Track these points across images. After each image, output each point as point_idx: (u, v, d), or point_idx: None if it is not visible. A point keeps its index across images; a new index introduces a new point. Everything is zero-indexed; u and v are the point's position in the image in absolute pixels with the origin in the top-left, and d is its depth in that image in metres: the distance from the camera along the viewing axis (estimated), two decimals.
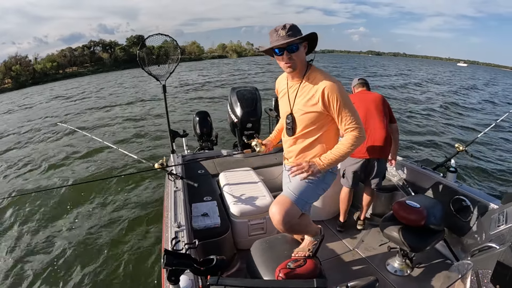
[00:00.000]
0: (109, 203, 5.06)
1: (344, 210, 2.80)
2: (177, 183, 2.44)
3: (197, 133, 4.05)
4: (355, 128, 1.59)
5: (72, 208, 4.97)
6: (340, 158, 1.62)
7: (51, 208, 5.01)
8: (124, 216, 4.60)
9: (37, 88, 35.63)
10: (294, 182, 1.72)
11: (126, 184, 5.69)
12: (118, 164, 6.83)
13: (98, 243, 3.96)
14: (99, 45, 73.48)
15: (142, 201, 5.03)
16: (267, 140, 2.12)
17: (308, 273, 1.56)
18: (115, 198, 5.19)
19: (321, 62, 44.13)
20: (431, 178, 2.66)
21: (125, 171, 6.40)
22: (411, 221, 2.08)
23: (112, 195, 5.32)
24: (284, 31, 1.53)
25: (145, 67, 2.72)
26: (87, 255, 3.71)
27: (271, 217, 1.63)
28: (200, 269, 1.12)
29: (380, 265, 2.37)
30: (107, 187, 5.60)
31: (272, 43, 1.58)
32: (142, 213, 4.66)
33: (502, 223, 1.92)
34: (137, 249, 3.79)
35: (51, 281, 3.34)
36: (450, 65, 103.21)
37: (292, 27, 1.55)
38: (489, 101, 17.46)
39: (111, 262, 3.57)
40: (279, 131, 2.12)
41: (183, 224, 1.87)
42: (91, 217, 4.65)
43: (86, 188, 5.60)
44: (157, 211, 4.54)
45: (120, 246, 3.86)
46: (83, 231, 4.28)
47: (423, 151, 7.34)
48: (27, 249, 3.95)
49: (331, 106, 1.58)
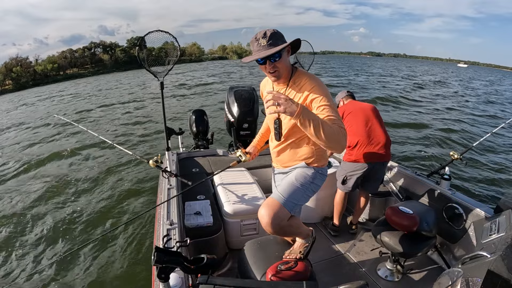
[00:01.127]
0: (101, 197, 5.03)
1: (338, 214, 2.80)
2: (171, 180, 2.43)
3: (193, 131, 4.03)
4: (335, 122, 1.44)
5: (62, 203, 4.94)
6: (318, 125, 1.36)
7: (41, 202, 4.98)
8: (116, 212, 4.58)
9: (38, 89, 35.35)
10: (283, 184, 1.70)
11: (119, 180, 5.66)
12: (112, 159, 6.81)
13: (88, 239, 3.93)
14: (100, 46, 73.58)
15: (135, 197, 5.00)
16: (251, 147, 2.13)
17: (298, 275, 1.56)
18: (107, 193, 5.16)
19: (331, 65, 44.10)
20: (425, 185, 2.68)
21: (119, 167, 6.37)
22: (404, 226, 2.08)
23: (105, 190, 5.30)
24: (265, 40, 1.48)
25: (144, 64, 2.71)
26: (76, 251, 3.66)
27: (260, 219, 1.60)
28: (190, 268, 1.11)
29: (371, 270, 2.37)
30: (99, 182, 5.57)
31: (253, 52, 1.53)
32: (135, 209, 4.64)
33: (494, 232, 1.92)
34: (128, 245, 3.76)
35: (39, 280, 3.29)
36: (450, 66, 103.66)
37: (273, 35, 1.50)
38: (490, 102, 17.62)
39: (101, 258, 3.55)
40: (262, 135, 2.13)
41: (175, 222, 1.86)
42: (82, 211, 4.61)
43: (77, 182, 5.57)
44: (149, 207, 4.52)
45: (111, 242, 3.83)
46: (74, 226, 4.25)
47: (417, 158, 7.38)
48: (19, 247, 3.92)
49: (316, 102, 1.50)
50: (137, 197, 5.01)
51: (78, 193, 5.27)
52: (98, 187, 5.44)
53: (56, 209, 4.76)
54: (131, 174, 5.87)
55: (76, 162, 6.99)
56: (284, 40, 1.54)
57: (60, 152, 7.67)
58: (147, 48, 2.74)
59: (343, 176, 2.67)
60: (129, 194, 5.11)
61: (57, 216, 4.53)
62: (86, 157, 7.25)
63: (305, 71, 1.66)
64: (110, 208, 4.72)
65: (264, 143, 2.20)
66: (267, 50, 1.48)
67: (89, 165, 6.69)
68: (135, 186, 5.39)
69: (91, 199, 5.03)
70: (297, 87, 1.60)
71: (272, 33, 1.50)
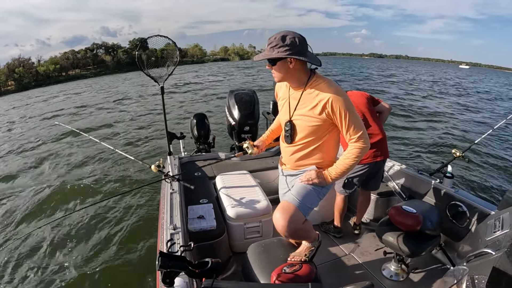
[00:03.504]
0: (104, 203, 5.03)
1: (339, 216, 2.77)
2: (174, 185, 2.43)
3: (194, 135, 4.04)
4: (359, 138, 1.59)
5: (66, 208, 4.94)
6: (347, 170, 1.64)
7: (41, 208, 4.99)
8: (119, 217, 4.57)
9: (40, 90, 35.48)
10: (297, 187, 1.71)
11: (121, 185, 5.66)
12: (114, 165, 6.81)
13: (91, 244, 3.93)
14: (102, 47, 74.10)
15: (138, 202, 5.00)
16: (259, 141, 2.10)
17: (303, 278, 1.55)
18: (110, 199, 5.16)
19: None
20: (428, 183, 2.67)
21: (121, 172, 6.37)
22: (407, 226, 2.08)
23: (107, 195, 5.29)
24: (268, 43, 1.55)
25: (144, 69, 2.72)
26: (81, 256, 3.67)
27: (275, 223, 1.60)
28: (195, 272, 1.11)
29: (376, 270, 2.36)
30: (102, 188, 5.58)
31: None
32: (138, 214, 4.63)
33: (498, 229, 1.92)
34: (132, 250, 3.75)
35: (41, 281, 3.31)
36: (452, 67, 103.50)
37: (278, 39, 1.51)
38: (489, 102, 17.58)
39: (105, 263, 3.54)
40: (272, 131, 2.11)
41: (178, 226, 1.86)
42: (85, 217, 4.61)
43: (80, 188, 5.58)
44: (152, 213, 4.52)
45: (115, 247, 3.83)
46: (77, 231, 4.25)
47: (420, 156, 7.37)
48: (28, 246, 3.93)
49: (336, 115, 1.56)
50: (139, 202, 5.01)
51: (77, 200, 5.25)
52: (99, 193, 5.43)
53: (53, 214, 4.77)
54: (133, 178, 5.87)
55: (75, 168, 6.98)
56: (295, 49, 1.51)
57: (59, 158, 7.70)
58: (147, 52, 2.76)
59: (344, 180, 2.61)
60: (131, 200, 5.10)
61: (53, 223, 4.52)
62: (86, 162, 7.25)
63: (323, 76, 1.66)
64: (111, 212, 4.72)
65: (273, 140, 2.17)
66: (265, 53, 1.56)
67: (89, 171, 6.69)
68: (136, 192, 5.38)
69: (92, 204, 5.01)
70: (314, 92, 1.60)
71: (280, 37, 1.51)
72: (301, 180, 1.70)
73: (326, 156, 1.72)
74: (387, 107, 2.69)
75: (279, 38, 1.51)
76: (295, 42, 1.51)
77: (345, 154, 1.64)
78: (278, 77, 1.63)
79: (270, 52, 1.53)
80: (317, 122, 1.61)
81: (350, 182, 2.61)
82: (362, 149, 1.59)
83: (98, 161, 7.20)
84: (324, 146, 1.70)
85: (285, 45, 1.50)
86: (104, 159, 7.26)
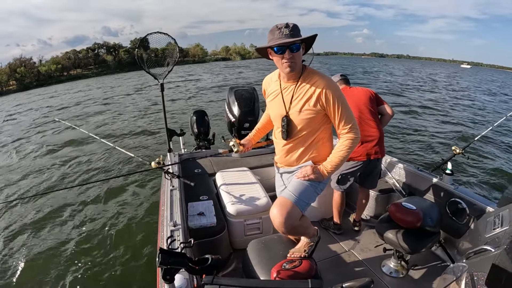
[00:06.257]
0: (104, 201, 5.04)
1: (338, 213, 2.76)
2: (174, 182, 2.43)
3: (194, 132, 4.03)
4: (350, 129, 1.64)
5: (66, 206, 4.94)
6: (341, 162, 1.68)
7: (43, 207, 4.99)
8: (119, 214, 4.58)
9: (41, 90, 35.41)
10: (294, 183, 1.71)
11: (122, 182, 5.66)
12: (115, 162, 6.81)
13: (92, 241, 3.94)
14: (103, 47, 73.61)
15: (138, 200, 5.01)
16: (246, 140, 2.11)
17: (303, 274, 1.56)
18: (110, 196, 5.16)
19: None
20: (428, 180, 2.67)
21: (121, 169, 6.38)
22: (407, 223, 2.08)
23: (108, 193, 5.29)
24: (288, 30, 1.50)
25: (144, 66, 2.72)
26: (81, 253, 3.69)
27: (272, 219, 1.61)
28: (195, 268, 1.11)
29: (376, 267, 2.37)
30: (102, 185, 5.58)
31: (272, 41, 1.53)
32: (138, 211, 4.64)
33: (497, 226, 1.92)
34: (132, 247, 3.77)
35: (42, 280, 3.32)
36: (454, 67, 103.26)
37: (295, 27, 1.53)
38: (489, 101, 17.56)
39: (105, 260, 3.55)
40: (258, 130, 2.12)
41: (179, 223, 1.87)
42: (86, 215, 4.63)
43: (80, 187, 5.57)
44: (153, 210, 4.53)
45: (115, 244, 3.84)
46: (77, 229, 4.26)
47: (420, 153, 7.37)
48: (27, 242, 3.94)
49: (330, 106, 1.59)
50: (139, 199, 5.02)
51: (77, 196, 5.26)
52: (99, 190, 5.44)
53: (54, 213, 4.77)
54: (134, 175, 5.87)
55: (75, 164, 6.98)
56: (301, 35, 1.56)
57: (56, 155, 7.71)
58: (147, 49, 2.75)
59: (338, 176, 2.61)
60: (131, 197, 5.12)
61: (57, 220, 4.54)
62: (86, 159, 7.25)
63: (315, 70, 1.67)
64: (110, 210, 4.74)
65: (260, 139, 2.20)
66: (289, 38, 1.50)
67: (89, 168, 6.70)
68: (137, 188, 5.39)
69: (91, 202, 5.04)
70: (308, 85, 1.62)
71: (294, 25, 1.54)
72: (297, 177, 1.70)
73: (321, 151, 1.74)
74: (389, 112, 2.64)
75: (294, 25, 1.54)
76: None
77: (338, 147, 1.67)
78: (297, 64, 1.60)
79: (296, 37, 1.51)
80: (311, 114, 1.63)
81: (343, 178, 2.61)
82: (353, 140, 1.64)
83: (97, 158, 7.20)
84: (319, 141, 1.72)
85: (300, 30, 1.55)
86: (104, 156, 7.26)
